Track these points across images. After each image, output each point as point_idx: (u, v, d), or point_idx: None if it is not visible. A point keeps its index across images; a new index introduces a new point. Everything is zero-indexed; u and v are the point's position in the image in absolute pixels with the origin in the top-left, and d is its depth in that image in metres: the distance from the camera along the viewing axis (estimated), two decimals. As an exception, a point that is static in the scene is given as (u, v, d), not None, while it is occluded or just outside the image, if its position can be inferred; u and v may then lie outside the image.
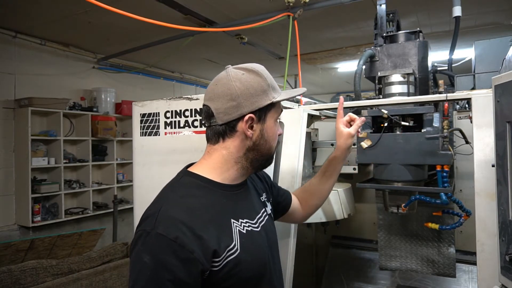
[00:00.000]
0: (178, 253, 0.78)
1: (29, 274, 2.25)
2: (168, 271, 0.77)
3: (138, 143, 1.64)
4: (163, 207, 0.85)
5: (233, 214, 0.93)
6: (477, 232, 1.22)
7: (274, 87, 0.98)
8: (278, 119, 1.02)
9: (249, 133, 0.94)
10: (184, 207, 0.86)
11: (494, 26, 4.57)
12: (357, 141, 1.61)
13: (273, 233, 1.08)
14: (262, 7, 3.87)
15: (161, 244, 0.79)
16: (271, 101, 0.95)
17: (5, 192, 4.60)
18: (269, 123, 0.98)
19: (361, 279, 2.22)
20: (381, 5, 2.07)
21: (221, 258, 0.84)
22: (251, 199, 1.04)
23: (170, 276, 0.77)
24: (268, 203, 1.13)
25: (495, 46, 2.19)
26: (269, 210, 1.11)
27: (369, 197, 2.21)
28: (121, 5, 2.37)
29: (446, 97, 1.45)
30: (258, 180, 1.17)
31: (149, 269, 0.78)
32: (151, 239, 0.80)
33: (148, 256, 0.79)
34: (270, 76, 0.99)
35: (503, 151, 0.95)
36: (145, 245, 0.80)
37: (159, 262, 0.78)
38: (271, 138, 0.99)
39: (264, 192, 1.14)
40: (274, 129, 1.00)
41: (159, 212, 0.84)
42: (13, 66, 4.67)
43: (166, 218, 0.82)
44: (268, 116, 0.98)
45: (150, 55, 5.53)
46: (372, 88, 1.88)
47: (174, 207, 0.86)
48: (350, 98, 3.83)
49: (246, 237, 0.92)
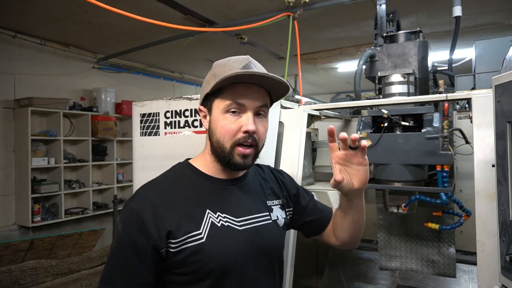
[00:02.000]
0: (139, 225, 0.86)
1: (29, 274, 2.25)
2: (130, 239, 0.86)
3: (138, 143, 1.64)
4: (144, 185, 0.96)
5: (211, 206, 0.94)
6: (477, 232, 1.22)
7: (218, 75, 0.90)
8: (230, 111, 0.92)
9: (204, 124, 0.99)
10: (158, 187, 0.95)
11: (494, 26, 4.57)
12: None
13: (268, 239, 1.00)
14: (262, 7, 3.87)
15: (129, 215, 0.89)
16: (207, 90, 0.94)
17: (5, 192, 4.60)
18: (214, 113, 0.95)
19: (361, 279, 2.22)
20: (381, 5, 2.07)
21: (178, 240, 0.87)
22: (246, 198, 1.01)
23: (131, 244, 0.86)
24: (282, 210, 1.08)
25: (495, 46, 2.19)
26: (275, 216, 1.04)
27: (369, 197, 2.21)
28: (121, 5, 2.37)
29: (446, 97, 1.45)
30: (276, 183, 1.12)
31: (119, 236, 0.89)
32: (125, 210, 0.91)
33: (121, 225, 0.90)
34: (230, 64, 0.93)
35: (503, 151, 0.95)
36: (121, 215, 0.92)
37: (126, 230, 0.88)
38: (216, 130, 0.94)
39: (278, 198, 1.09)
40: (220, 121, 0.92)
41: (140, 188, 0.95)
42: (13, 66, 4.67)
43: (140, 194, 0.93)
44: (213, 106, 0.95)
45: (150, 55, 5.53)
46: (372, 88, 1.87)
47: (150, 186, 0.96)
48: (350, 98, 3.83)
49: (218, 230, 0.91)
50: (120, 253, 0.88)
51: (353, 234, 1.11)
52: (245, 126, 0.91)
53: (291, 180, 1.20)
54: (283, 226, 1.08)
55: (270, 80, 0.92)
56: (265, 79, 0.92)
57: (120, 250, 0.88)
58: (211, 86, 0.92)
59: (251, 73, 0.88)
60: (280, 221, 1.06)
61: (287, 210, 1.11)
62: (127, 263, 0.86)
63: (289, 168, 1.56)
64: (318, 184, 2.00)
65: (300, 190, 1.18)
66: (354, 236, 1.12)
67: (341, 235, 1.13)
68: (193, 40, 4.58)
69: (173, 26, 2.72)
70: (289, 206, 1.13)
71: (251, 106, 0.93)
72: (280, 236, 1.06)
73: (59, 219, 4.85)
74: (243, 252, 0.93)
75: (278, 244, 1.05)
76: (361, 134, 1.58)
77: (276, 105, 1.62)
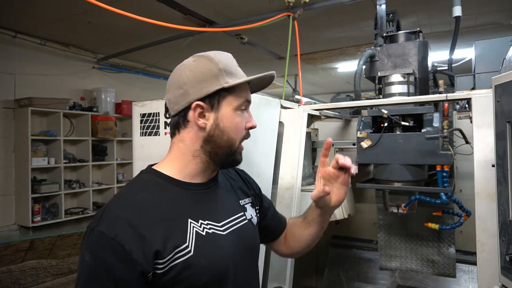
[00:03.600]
0: (117, 252, 0.74)
1: (29, 274, 2.25)
2: (107, 271, 0.74)
3: (138, 143, 1.63)
4: (110, 204, 0.82)
5: (192, 214, 0.85)
6: (477, 232, 1.22)
7: (229, 71, 0.87)
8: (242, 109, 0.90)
9: (201, 122, 0.86)
10: (131, 204, 0.81)
11: (494, 26, 4.57)
12: (357, 141, 1.61)
13: (250, 240, 0.98)
14: (262, 7, 3.87)
15: (101, 242, 0.75)
16: (221, 86, 0.85)
17: (5, 192, 4.60)
18: (224, 111, 0.87)
19: (361, 279, 2.22)
20: (381, 5, 2.07)
21: (166, 259, 0.77)
22: (223, 200, 0.96)
23: (109, 275, 0.73)
24: (252, 208, 1.05)
25: (495, 46, 2.19)
26: (250, 215, 1.01)
27: (369, 197, 2.21)
28: (121, 5, 2.38)
29: (446, 97, 1.45)
30: (242, 182, 1.09)
31: (89, 268, 0.75)
32: (93, 236, 0.76)
33: (89, 255, 0.75)
34: (229, 61, 0.90)
35: (503, 151, 0.95)
36: (87, 243, 0.77)
37: (99, 260, 0.74)
38: (228, 129, 0.88)
39: (248, 196, 1.06)
40: (234, 118, 0.88)
41: (105, 209, 0.81)
42: (13, 66, 4.67)
43: (110, 216, 0.79)
44: (223, 103, 0.87)
45: (150, 55, 5.53)
46: (372, 88, 1.87)
47: (121, 204, 0.82)
48: (350, 98, 3.83)
49: (204, 239, 0.84)
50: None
51: (308, 246, 1.11)
52: (249, 122, 0.92)
53: (253, 179, 1.16)
54: (256, 224, 1.05)
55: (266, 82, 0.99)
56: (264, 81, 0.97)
57: (96, 284, 0.74)
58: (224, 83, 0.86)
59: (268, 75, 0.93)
60: (254, 219, 1.03)
61: (256, 208, 1.08)
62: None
63: (289, 168, 1.56)
64: (318, 184, 2.00)
65: (261, 192, 1.15)
66: (308, 247, 1.12)
67: (294, 245, 1.11)
68: (193, 40, 4.58)
69: (173, 26, 2.72)
70: (257, 205, 1.10)
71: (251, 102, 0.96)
72: (257, 235, 1.04)
73: (59, 219, 4.85)
74: (232, 258, 0.89)
75: (257, 243, 1.04)
76: (361, 134, 1.58)
77: (276, 105, 1.62)
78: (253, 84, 0.96)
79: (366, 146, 1.56)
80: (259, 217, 1.08)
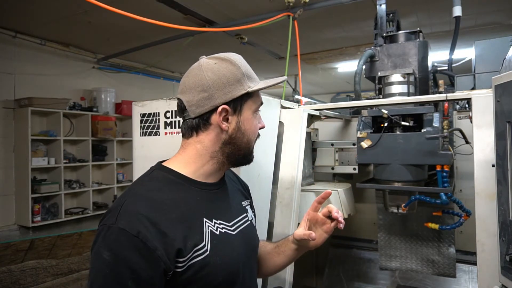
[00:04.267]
0: (140, 250, 0.72)
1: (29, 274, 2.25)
2: (129, 268, 0.71)
3: (138, 143, 1.63)
4: (127, 201, 0.79)
5: (206, 214, 0.86)
6: (477, 232, 1.22)
7: (250, 76, 0.90)
8: (257, 111, 0.95)
9: (224, 125, 0.87)
10: (150, 201, 0.80)
11: (494, 26, 4.57)
12: (357, 141, 1.61)
13: (253, 240, 1.01)
14: (262, 7, 3.87)
15: (122, 239, 0.73)
16: (246, 90, 0.88)
17: (5, 192, 4.60)
18: (246, 114, 0.90)
19: (361, 279, 2.22)
20: (381, 5, 2.07)
21: (186, 258, 0.77)
22: (230, 201, 0.97)
23: (131, 273, 0.71)
24: (251, 210, 1.07)
25: (495, 46, 2.19)
26: (251, 217, 1.04)
27: (369, 197, 2.21)
28: (121, 5, 2.38)
29: (446, 97, 1.45)
30: (240, 184, 1.11)
31: (108, 266, 0.72)
32: (112, 234, 0.74)
33: (108, 252, 0.72)
34: (247, 65, 0.92)
35: (503, 151, 0.95)
36: (105, 240, 0.74)
37: (119, 258, 0.72)
38: (249, 131, 0.91)
39: (247, 198, 1.09)
40: (253, 121, 0.92)
41: (122, 205, 0.78)
42: (13, 66, 4.68)
43: (129, 212, 0.76)
44: (245, 107, 0.90)
45: (150, 55, 5.54)
46: (372, 88, 1.87)
47: (139, 201, 0.80)
48: (350, 98, 3.83)
49: (218, 239, 0.85)
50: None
51: (275, 271, 1.12)
52: (260, 123, 0.96)
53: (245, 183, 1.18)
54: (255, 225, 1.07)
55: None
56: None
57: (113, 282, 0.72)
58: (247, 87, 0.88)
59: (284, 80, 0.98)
60: (253, 220, 1.06)
61: (252, 210, 1.10)
62: None
63: (289, 168, 1.56)
64: (318, 184, 2.00)
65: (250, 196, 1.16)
66: (275, 272, 1.13)
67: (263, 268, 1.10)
68: (193, 40, 4.58)
69: (173, 26, 2.72)
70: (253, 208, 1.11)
71: None
72: (257, 236, 1.06)
73: (59, 219, 4.85)
74: (241, 258, 0.90)
75: (258, 244, 1.06)
76: (361, 134, 1.58)
77: (276, 105, 1.62)
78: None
79: (366, 146, 1.56)
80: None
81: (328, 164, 2.00)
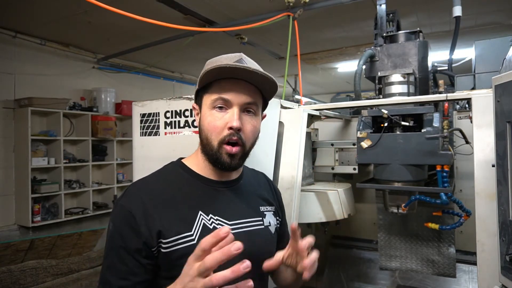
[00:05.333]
0: (131, 223, 0.85)
1: (29, 274, 2.25)
2: (122, 238, 0.85)
3: (138, 143, 1.63)
4: (134, 183, 0.94)
5: (204, 208, 0.90)
6: (477, 232, 1.22)
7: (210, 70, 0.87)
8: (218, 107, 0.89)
9: (196, 122, 0.97)
10: (149, 186, 0.93)
11: (494, 26, 4.57)
12: (357, 141, 1.61)
13: (260, 245, 0.96)
14: (262, 7, 3.87)
15: (120, 213, 0.87)
16: (197, 86, 0.94)
17: (5, 192, 4.60)
18: (203, 110, 0.93)
19: (361, 279, 2.22)
20: (381, 5, 2.07)
21: (169, 240, 0.85)
22: (239, 202, 0.97)
23: (123, 243, 0.84)
24: (274, 217, 1.05)
25: (495, 46, 2.19)
26: (268, 222, 1.02)
27: (369, 197, 2.21)
28: (121, 5, 2.38)
29: (446, 97, 1.45)
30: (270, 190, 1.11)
31: (110, 235, 0.87)
32: (116, 208, 0.89)
33: (111, 223, 0.88)
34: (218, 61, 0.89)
35: (503, 151, 0.95)
36: (112, 214, 0.90)
37: (117, 229, 0.86)
38: (204, 127, 0.91)
39: (272, 205, 1.07)
40: (207, 117, 0.90)
41: (130, 187, 0.93)
42: (13, 66, 4.68)
43: (130, 192, 0.91)
44: (203, 102, 0.93)
45: (150, 55, 5.54)
46: (372, 88, 1.87)
47: (141, 184, 0.94)
48: (350, 98, 3.83)
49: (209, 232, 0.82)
50: (114, 253, 0.85)
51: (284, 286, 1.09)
52: (229, 122, 0.87)
53: (280, 193, 1.18)
54: (275, 232, 1.05)
55: (258, 76, 0.87)
56: (252, 74, 0.87)
57: (113, 249, 0.86)
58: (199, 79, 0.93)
59: (232, 66, 0.84)
60: (272, 227, 1.03)
61: (277, 218, 1.08)
62: (121, 262, 0.84)
63: (289, 168, 1.56)
64: (318, 184, 2.00)
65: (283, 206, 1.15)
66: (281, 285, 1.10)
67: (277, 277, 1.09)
68: (193, 40, 4.58)
69: (173, 26, 2.73)
70: (279, 215, 1.10)
71: (237, 101, 0.88)
72: (272, 242, 1.03)
73: (59, 219, 4.85)
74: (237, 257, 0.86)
75: (269, 250, 0.99)
76: (361, 134, 1.58)
77: (276, 105, 1.61)
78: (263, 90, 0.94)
79: (366, 146, 1.56)
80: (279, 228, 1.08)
81: (328, 164, 2.00)
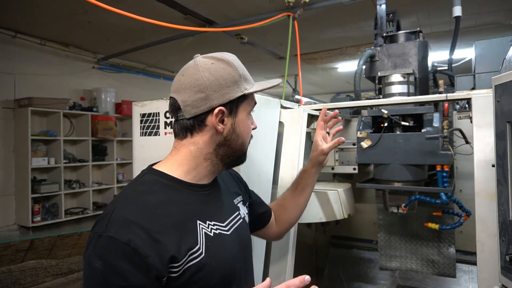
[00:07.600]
0: (131, 258, 0.71)
1: (29, 274, 2.25)
2: (121, 277, 0.71)
3: (138, 143, 1.63)
4: (117, 207, 0.78)
5: (200, 216, 0.85)
6: (477, 232, 1.22)
7: (246, 77, 0.90)
8: (251, 112, 0.95)
9: (220, 127, 0.86)
10: (141, 206, 0.79)
11: (494, 26, 4.57)
12: (357, 141, 1.61)
13: (247, 238, 1.01)
14: (262, 7, 3.87)
15: (113, 248, 0.72)
16: (243, 92, 0.87)
17: (5, 192, 4.60)
18: (241, 116, 0.90)
19: (361, 279, 2.22)
20: (381, 5, 2.07)
21: (181, 263, 0.76)
22: (222, 200, 0.97)
23: (123, 281, 0.70)
24: (244, 206, 1.06)
25: (495, 46, 2.19)
26: (243, 214, 1.02)
27: (369, 197, 2.21)
28: (121, 5, 2.38)
29: (446, 97, 1.45)
30: (233, 181, 1.10)
31: (100, 275, 0.71)
32: (102, 242, 0.73)
33: (99, 261, 0.72)
34: (242, 66, 0.91)
35: (503, 151, 0.95)
36: (96, 249, 0.73)
37: (111, 267, 0.71)
38: (243, 133, 0.91)
39: (239, 195, 1.07)
40: (247, 123, 0.93)
41: (112, 212, 0.77)
42: (13, 66, 4.68)
43: (119, 219, 0.75)
44: (240, 109, 0.89)
45: (150, 55, 5.54)
46: (372, 88, 1.87)
47: (129, 207, 0.79)
48: (350, 98, 3.83)
49: (213, 240, 0.84)
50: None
51: (297, 217, 1.27)
52: (253, 124, 0.97)
53: (240, 175, 1.17)
54: (248, 222, 1.07)
55: None
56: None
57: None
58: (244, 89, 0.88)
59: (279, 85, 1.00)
60: (246, 218, 1.05)
61: (246, 205, 1.09)
62: None
63: (289, 168, 1.56)
64: (318, 184, 2.00)
65: (246, 185, 1.18)
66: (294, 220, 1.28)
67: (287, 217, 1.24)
68: (193, 40, 4.58)
69: (173, 26, 2.72)
70: (247, 201, 1.11)
71: None
72: (249, 230, 1.06)
73: (59, 219, 4.85)
74: (236, 257, 0.90)
75: (251, 241, 1.05)
76: (361, 134, 1.58)
77: (276, 105, 1.62)
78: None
79: (366, 146, 1.56)
80: (250, 210, 1.11)
81: (328, 164, 2.00)
